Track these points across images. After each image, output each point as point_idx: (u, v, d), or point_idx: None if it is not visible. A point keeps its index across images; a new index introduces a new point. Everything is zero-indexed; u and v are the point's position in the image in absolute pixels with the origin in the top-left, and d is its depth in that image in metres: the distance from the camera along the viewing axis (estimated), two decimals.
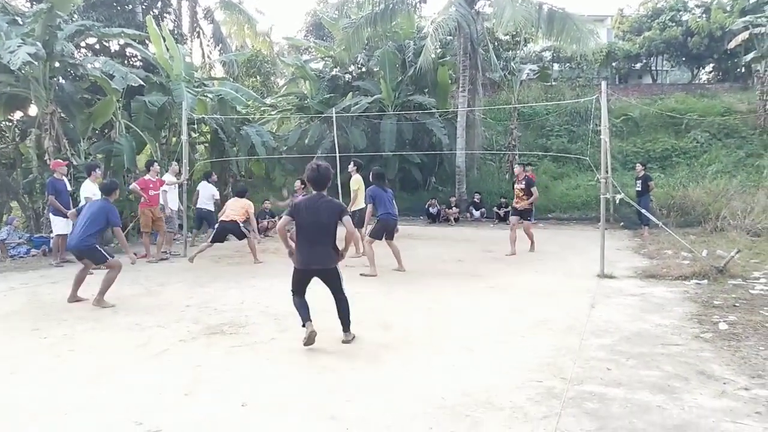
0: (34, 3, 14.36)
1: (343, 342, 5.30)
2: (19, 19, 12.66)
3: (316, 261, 5.24)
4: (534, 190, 11.16)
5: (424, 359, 4.85)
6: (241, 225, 10.63)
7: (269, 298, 7.31)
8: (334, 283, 5.35)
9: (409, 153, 20.16)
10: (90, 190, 9.73)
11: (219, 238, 10.64)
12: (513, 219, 11.34)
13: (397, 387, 4.19)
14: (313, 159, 17.30)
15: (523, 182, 11.07)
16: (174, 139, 16.04)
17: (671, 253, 10.45)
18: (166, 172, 12.08)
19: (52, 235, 10.90)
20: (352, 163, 11.01)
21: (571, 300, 7.09)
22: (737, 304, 6.58)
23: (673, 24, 27.49)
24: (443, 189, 20.48)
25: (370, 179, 9.27)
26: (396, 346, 5.21)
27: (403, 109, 20.56)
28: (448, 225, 17.54)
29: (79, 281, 7.32)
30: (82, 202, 9.36)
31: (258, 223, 14.96)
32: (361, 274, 8.64)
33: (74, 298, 7.23)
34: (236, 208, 10.64)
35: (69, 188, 10.73)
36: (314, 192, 5.33)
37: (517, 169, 11.66)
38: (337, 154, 15.01)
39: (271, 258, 11.27)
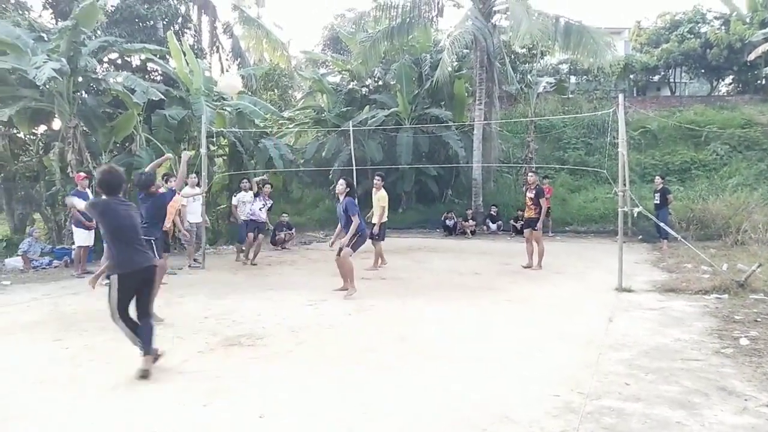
0: (59, 20, 14.71)
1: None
2: (45, 36, 12.97)
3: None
4: (542, 201, 10.97)
5: (440, 372, 4.84)
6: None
7: (286, 310, 7.36)
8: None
9: (426, 165, 20.19)
10: None
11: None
12: (526, 232, 11.27)
13: (414, 399, 4.20)
14: (330, 172, 17.48)
15: (534, 191, 10.97)
16: (193, 152, 16.23)
17: (691, 266, 10.33)
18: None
19: (73, 246, 11.07)
20: (378, 177, 11.21)
21: (589, 313, 7.04)
22: (759, 319, 6.49)
23: (692, 36, 27.28)
24: (459, 201, 20.46)
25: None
26: (412, 359, 5.21)
27: (420, 122, 20.63)
28: (464, 237, 17.50)
29: None
30: None
31: (275, 235, 15.11)
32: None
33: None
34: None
35: (91, 198, 10.74)
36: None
37: (531, 177, 11.48)
38: (354, 167, 15.10)
39: (288, 270, 11.33)
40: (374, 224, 10.59)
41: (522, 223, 17.62)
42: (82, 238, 10.56)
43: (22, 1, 15.15)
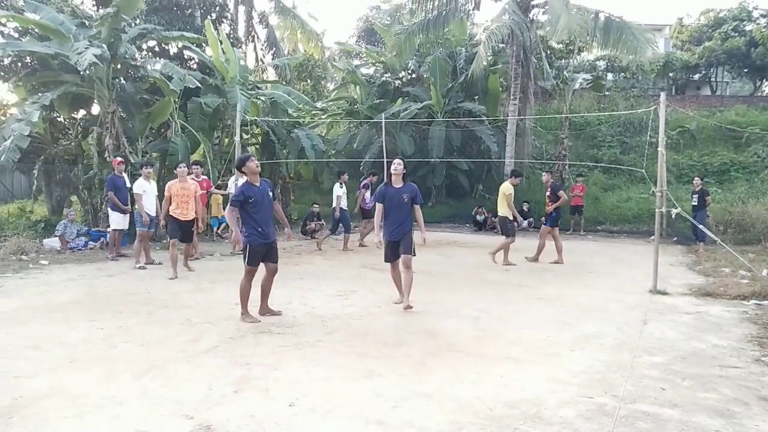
0: (101, 7, 14.95)
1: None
2: (87, 22, 13.20)
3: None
4: (561, 193, 11.12)
5: (471, 368, 4.80)
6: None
7: (315, 300, 7.39)
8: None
9: (457, 160, 20.05)
10: (141, 187, 10.11)
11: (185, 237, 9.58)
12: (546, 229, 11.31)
13: (444, 395, 4.16)
14: (361, 163, 17.48)
15: (549, 189, 11.22)
16: (226, 140, 16.40)
17: (729, 271, 10.06)
18: (220, 172, 12.41)
19: (109, 229, 11.30)
20: (512, 173, 11.76)
21: (622, 315, 6.91)
22: None
23: (736, 34, 26.55)
24: (490, 197, 20.23)
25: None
26: (442, 354, 5.18)
27: (453, 116, 20.48)
28: (494, 233, 17.34)
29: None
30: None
31: (306, 225, 15.20)
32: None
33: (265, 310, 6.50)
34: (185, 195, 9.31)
35: (128, 185, 11.08)
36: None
37: (545, 176, 11.87)
38: (385, 159, 15.06)
39: (318, 260, 11.38)
40: None
41: None
42: (117, 221, 10.79)
43: None
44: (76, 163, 14.46)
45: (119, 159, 11.31)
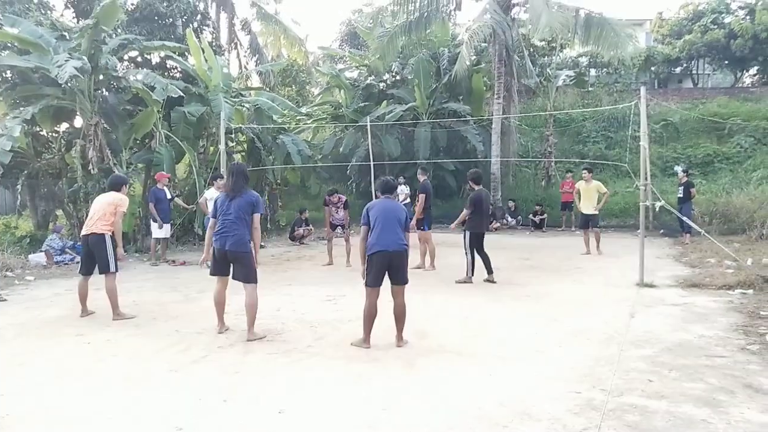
0: (81, 19, 14.85)
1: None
2: (67, 35, 13.11)
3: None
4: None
5: (460, 368, 4.82)
6: (107, 240, 6.96)
7: (304, 306, 7.38)
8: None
9: (444, 160, 20.09)
10: (210, 195, 10.90)
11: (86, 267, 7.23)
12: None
13: (434, 396, 4.18)
14: (348, 167, 17.35)
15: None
16: (212, 149, 16.34)
17: (714, 261, 10.16)
18: (208, 181, 12.41)
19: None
20: (587, 170, 12.18)
21: (609, 309, 6.96)
22: None
23: (715, 27, 26.76)
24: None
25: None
26: (432, 355, 5.19)
27: (438, 117, 20.52)
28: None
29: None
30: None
31: (294, 231, 15.16)
32: None
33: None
34: (101, 209, 7.04)
35: (169, 196, 11.86)
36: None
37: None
38: (372, 162, 15.09)
39: (306, 265, 11.36)
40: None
41: (543, 218, 17.65)
42: (156, 230, 11.67)
43: (44, 0, 15.31)
44: (60, 176, 14.34)
45: (162, 173, 12.12)
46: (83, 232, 7.12)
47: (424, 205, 10.27)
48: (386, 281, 5.47)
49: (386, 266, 5.41)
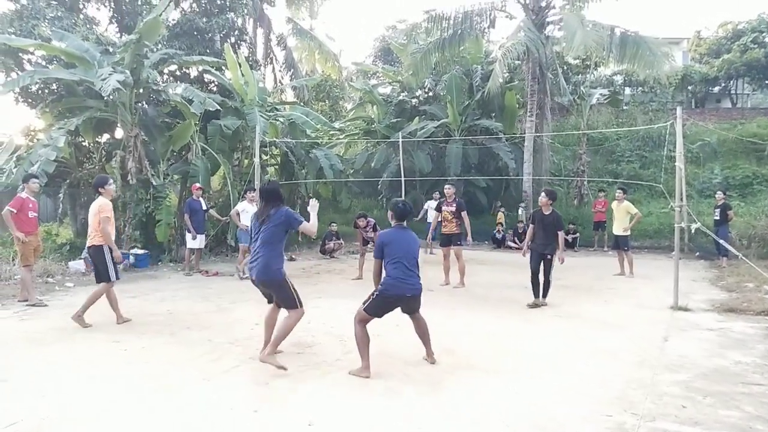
0: (124, 34, 15.35)
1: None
2: (111, 49, 13.56)
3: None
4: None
5: (488, 386, 4.80)
6: (105, 250, 7.18)
7: (334, 319, 7.43)
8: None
9: (475, 177, 20.06)
10: (241, 207, 11.34)
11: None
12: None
13: (462, 413, 4.18)
14: (379, 182, 17.37)
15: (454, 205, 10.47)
16: (246, 161, 16.63)
17: (752, 286, 9.91)
18: (242, 194, 12.62)
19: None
20: (621, 190, 11.98)
21: (642, 331, 6.85)
22: None
23: (755, 46, 26.32)
24: (509, 214, 20.24)
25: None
26: (460, 372, 5.19)
27: (470, 134, 20.54)
28: (512, 250, 17.28)
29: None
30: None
31: (324, 245, 15.29)
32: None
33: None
34: (91, 222, 7.24)
35: (204, 207, 12.16)
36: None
37: (447, 189, 10.74)
38: (402, 178, 15.18)
39: (336, 279, 11.45)
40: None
41: (575, 236, 17.45)
42: (190, 241, 11.94)
43: (90, 16, 15.87)
44: None
45: (197, 185, 12.42)
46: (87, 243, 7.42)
47: (462, 221, 10.32)
48: None
49: (397, 305, 5.30)
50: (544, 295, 8.55)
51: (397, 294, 5.17)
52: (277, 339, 5.25)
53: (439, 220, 10.60)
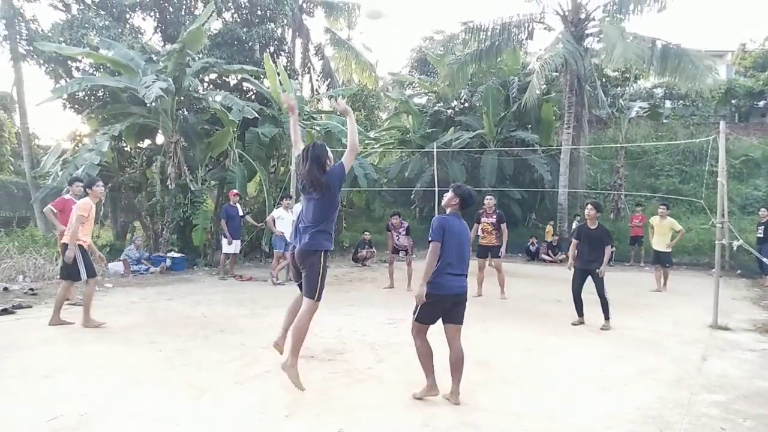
0: (167, 43, 15.78)
1: None
2: (155, 57, 13.95)
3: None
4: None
5: (521, 401, 4.75)
6: (78, 254, 7.05)
7: (366, 327, 7.46)
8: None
9: (510, 189, 19.93)
10: (276, 213, 11.59)
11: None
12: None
13: (493, 427, 4.14)
14: (413, 192, 17.40)
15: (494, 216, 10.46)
16: (282, 169, 16.86)
17: None
18: (277, 201, 12.82)
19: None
20: (664, 206, 11.96)
21: (679, 350, 6.69)
22: None
23: None
24: (543, 226, 20.03)
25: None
26: (492, 386, 5.15)
27: (505, 145, 20.43)
28: (546, 263, 17.08)
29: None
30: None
31: (357, 252, 15.36)
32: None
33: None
34: (70, 218, 7.33)
35: (240, 213, 12.40)
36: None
37: (488, 201, 10.62)
38: (437, 188, 15.16)
39: (368, 287, 11.48)
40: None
41: (612, 251, 17.13)
42: (226, 246, 12.14)
43: (136, 26, 16.37)
44: (140, 190, 15.17)
45: (234, 191, 12.65)
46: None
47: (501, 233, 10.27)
48: None
49: (448, 307, 4.75)
50: (606, 317, 7.87)
51: (448, 294, 4.67)
52: (295, 345, 4.82)
53: (478, 233, 10.41)
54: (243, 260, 14.39)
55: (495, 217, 10.37)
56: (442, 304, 4.71)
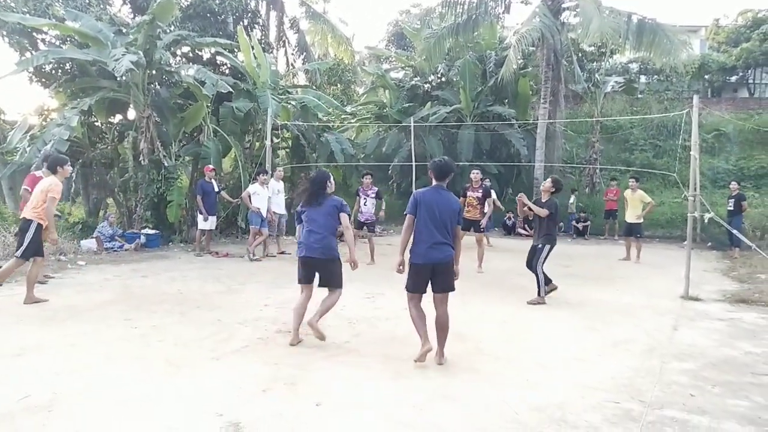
0: (137, 14, 15.34)
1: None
2: (124, 30, 13.56)
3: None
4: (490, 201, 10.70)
5: (497, 372, 4.81)
6: (33, 227, 6.99)
7: (343, 302, 7.44)
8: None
9: (486, 163, 19.94)
10: (252, 189, 11.54)
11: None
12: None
13: (470, 398, 4.19)
14: (390, 167, 17.34)
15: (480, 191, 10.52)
16: (257, 144, 16.64)
17: (765, 277, 9.85)
18: (253, 176, 12.65)
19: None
20: (634, 179, 12.15)
21: (652, 321, 6.83)
22: None
23: None
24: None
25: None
26: (469, 358, 5.20)
27: (482, 120, 20.41)
28: (523, 237, 17.24)
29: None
30: None
31: None
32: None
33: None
34: (35, 197, 7.17)
35: (216, 189, 12.18)
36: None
37: (474, 174, 10.58)
38: (414, 163, 15.13)
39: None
40: None
41: (585, 225, 17.39)
42: (201, 222, 11.99)
43: None
44: (112, 166, 14.86)
45: (210, 167, 12.39)
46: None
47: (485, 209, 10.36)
48: None
49: (429, 275, 4.92)
50: (539, 292, 7.82)
51: (425, 262, 4.88)
52: (324, 311, 5.60)
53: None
54: (219, 236, 14.25)
55: (481, 191, 10.38)
56: (423, 272, 4.92)
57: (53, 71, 14.30)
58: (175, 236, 13.59)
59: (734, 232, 10.26)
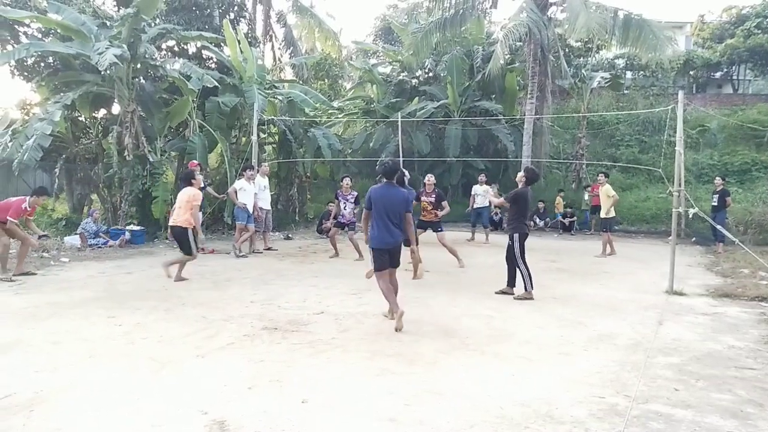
0: (121, 7, 15.16)
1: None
2: (108, 23, 13.40)
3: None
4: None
5: (483, 367, 4.81)
6: (190, 233, 8.59)
7: (330, 298, 7.44)
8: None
9: (474, 159, 20.01)
10: (238, 185, 11.44)
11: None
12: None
13: (456, 393, 4.18)
14: (377, 162, 17.30)
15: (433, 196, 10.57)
16: (244, 139, 16.55)
17: (748, 272, 9.94)
18: (239, 172, 12.55)
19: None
20: (602, 174, 12.53)
21: (637, 315, 6.87)
22: None
23: (759, 31, 26.08)
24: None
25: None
26: (455, 353, 5.19)
27: (469, 115, 20.44)
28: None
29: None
30: None
31: (321, 224, 15.28)
32: None
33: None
34: (181, 204, 8.72)
35: (202, 185, 11.69)
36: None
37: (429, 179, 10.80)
38: (401, 158, 15.09)
39: (333, 259, 11.44)
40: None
41: (572, 220, 17.50)
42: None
43: None
44: (96, 161, 14.70)
45: (195, 162, 12.12)
46: None
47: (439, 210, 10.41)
48: None
49: (387, 256, 6.05)
50: (525, 287, 7.78)
51: (381, 246, 6.00)
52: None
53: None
54: (205, 232, 14.13)
55: (434, 196, 10.43)
56: (382, 254, 6.05)
57: (35, 65, 14.10)
58: (160, 232, 13.48)
59: (718, 227, 10.36)
